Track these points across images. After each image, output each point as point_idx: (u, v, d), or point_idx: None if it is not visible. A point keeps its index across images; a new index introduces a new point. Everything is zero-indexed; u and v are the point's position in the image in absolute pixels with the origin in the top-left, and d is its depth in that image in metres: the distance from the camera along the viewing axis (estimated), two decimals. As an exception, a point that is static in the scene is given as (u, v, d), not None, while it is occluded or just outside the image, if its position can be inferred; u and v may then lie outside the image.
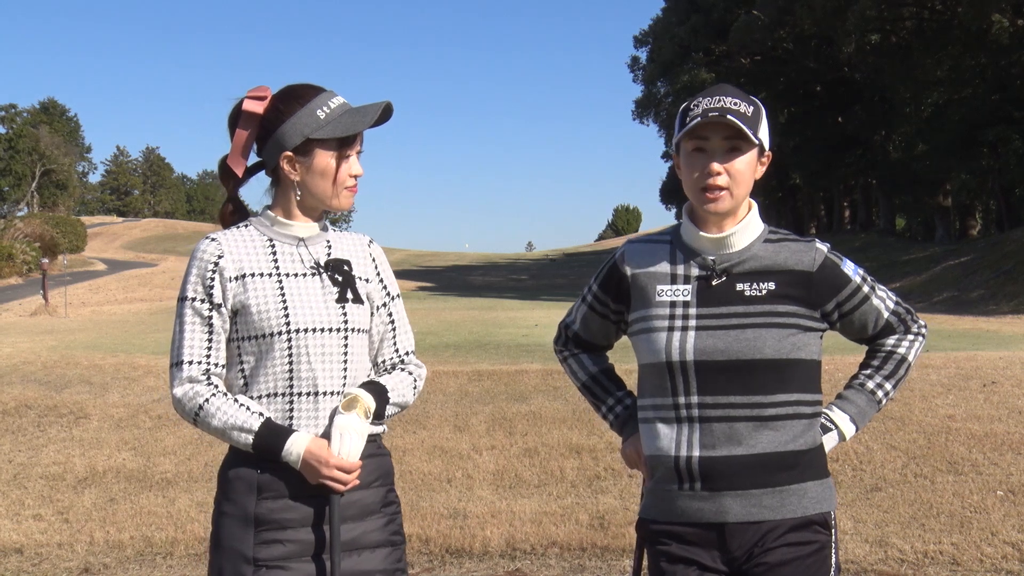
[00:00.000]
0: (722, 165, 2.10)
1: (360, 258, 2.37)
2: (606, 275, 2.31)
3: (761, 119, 2.14)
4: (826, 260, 2.18)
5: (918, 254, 30.98)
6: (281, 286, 2.23)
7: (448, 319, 16.60)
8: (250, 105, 2.26)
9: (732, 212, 2.16)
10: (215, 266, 2.20)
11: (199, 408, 2.17)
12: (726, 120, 2.06)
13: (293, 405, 2.21)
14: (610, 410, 2.38)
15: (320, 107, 2.21)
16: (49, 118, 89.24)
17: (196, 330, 2.20)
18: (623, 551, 5.27)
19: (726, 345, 2.09)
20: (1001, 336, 12.32)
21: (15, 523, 6.02)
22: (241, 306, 2.20)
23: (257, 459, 2.18)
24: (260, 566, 2.14)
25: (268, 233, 2.28)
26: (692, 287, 2.16)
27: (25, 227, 40.62)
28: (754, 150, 2.13)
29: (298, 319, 2.20)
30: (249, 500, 2.17)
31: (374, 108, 2.23)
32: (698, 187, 2.13)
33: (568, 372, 2.48)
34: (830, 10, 28.59)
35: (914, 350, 2.29)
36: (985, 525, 5.25)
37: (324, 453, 2.15)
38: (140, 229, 78.52)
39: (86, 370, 9.58)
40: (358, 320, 2.29)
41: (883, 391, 2.27)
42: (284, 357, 2.20)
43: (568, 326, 2.45)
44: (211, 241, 2.23)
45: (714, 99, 2.11)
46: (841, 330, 2.27)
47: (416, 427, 7.42)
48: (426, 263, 53.42)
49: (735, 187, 2.12)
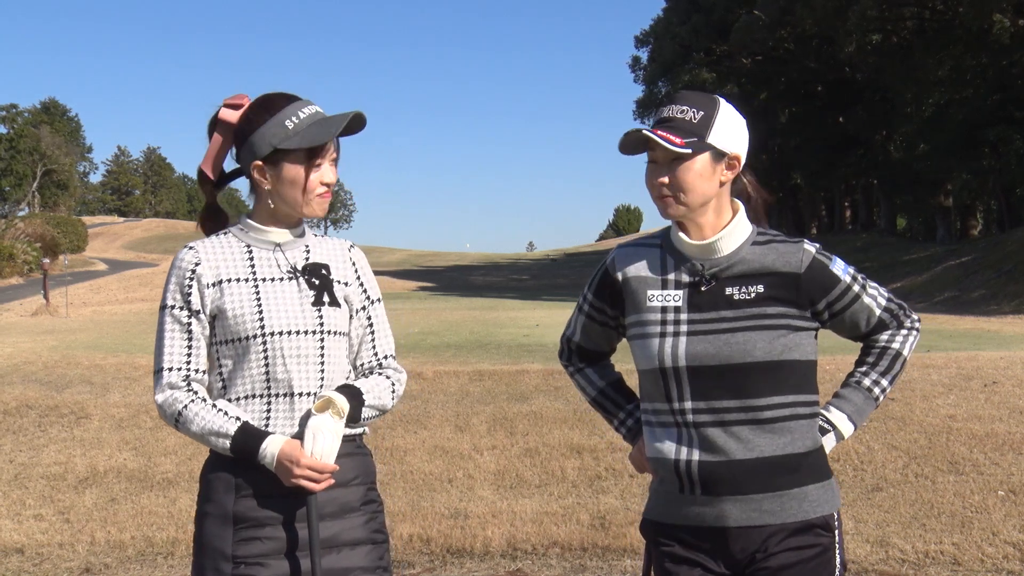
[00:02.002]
0: (666, 176, 2.13)
1: (339, 262, 2.40)
2: (599, 282, 2.32)
3: (712, 123, 2.13)
4: (814, 261, 2.17)
5: (919, 254, 30.97)
6: (257, 290, 2.27)
7: (449, 319, 16.60)
8: (225, 114, 2.31)
9: (698, 216, 2.16)
10: (192, 273, 2.26)
11: (178, 414, 2.23)
12: (639, 135, 2.11)
13: (270, 406, 2.25)
14: (621, 423, 2.39)
15: (289, 117, 2.24)
16: (50, 118, 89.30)
17: (176, 337, 2.25)
18: (624, 551, 5.27)
19: (716, 349, 2.10)
20: (1002, 336, 12.32)
21: (16, 523, 6.03)
22: (219, 311, 2.25)
23: (235, 461, 2.22)
24: (239, 563, 2.18)
25: (245, 239, 2.33)
26: (683, 293, 2.17)
27: (26, 227, 40.66)
28: (702, 156, 2.12)
29: (272, 322, 2.24)
30: (228, 499, 2.22)
31: (342, 118, 2.25)
32: (653, 197, 2.18)
33: (577, 387, 2.49)
34: (831, 10, 28.60)
35: (908, 344, 2.28)
36: (986, 525, 5.25)
37: (297, 453, 2.18)
38: (141, 229, 78.62)
39: (87, 370, 9.59)
40: (335, 323, 2.32)
41: (879, 387, 2.26)
42: (260, 360, 2.24)
43: (569, 339, 2.45)
44: (189, 250, 2.29)
45: (663, 109, 2.17)
46: (833, 328, 2.26)
47: (417, 427, 7.42)
48: (427, 263, 53.45)
49: (682, 195, 2.13)
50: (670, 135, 2.09)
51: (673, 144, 2.08)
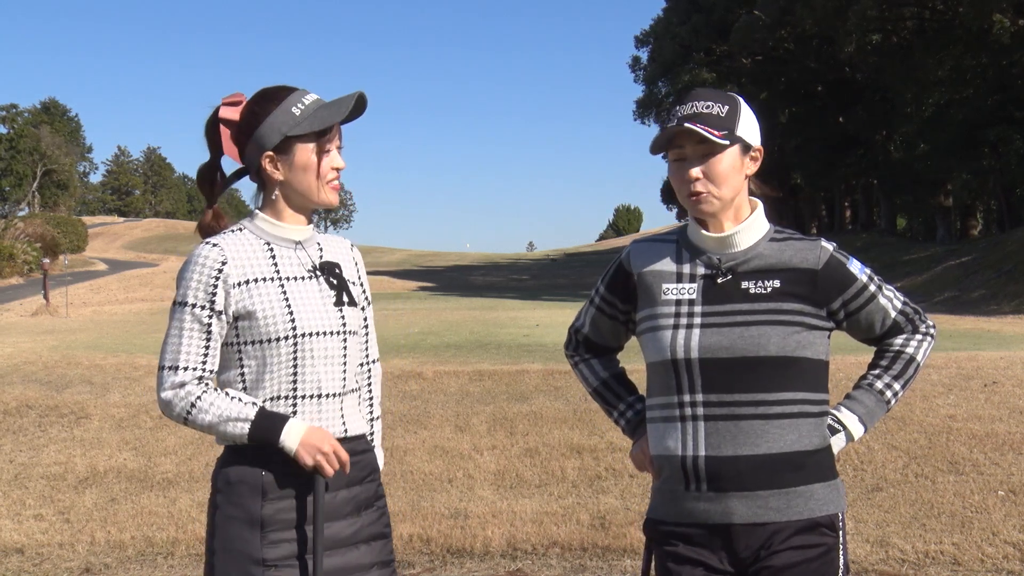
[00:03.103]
0: (699, 170, 2.12)
1: (347, 261, 2.41)
2: (613, 275, 2.32)
3: (738, 116, 2.15)
4: (831, 258, 2.18)
5: (919, 254, 30.96)
6: (284, 290, 2.24)
7: (449, 319, 16.60)
8: (226, 112, 2.29)
9: (724, 212, 2.17)
10: (219, 272, 2.19)
11: (191, 406, 2.17)
12: (682, 128, 2.10)
13: (297, 408, 2.23)
14: (621, 415, 2.39)
15: (294, 104, 2.23)
16: (50, 118, 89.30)
17: (194, 337, 2.19)
18: (624, 551, 5.27)
19: (730, 342, 2.10)
20: (1002, 336, 12.32)
21: (16, 523, 6.03)
22: (245, 312, 2.20)
23: (256, 459, 2.19)
24: (270, 566, 2.16)
25: (264, 237, 2.28)
26: (697, 285, 2.17)
27: (26, 227, 40.67)
28: (733, 149, 2.14)
29: (303, 323, 2.22)
30: (254, 502, 2.18)
31: (348, 99, 2.25)
32: (684, 195, 2.17)
33: (579, 377, 2.49)
34: (831, 10, 28.59)
35: (923, 350, 2.28)
36: (986, 525, 5.25)
37: (325, 433, 2.20)
38: (141, 229, 78.61)
39: (87, 370, 9.59)
40: (353, 323, 2.33)
41: (892, 391, 2.26)
42: (289, 361, 2.21)
43: (578, 330, 2.45)
44: (212, 247, 2.21)
45: (686, 106, 2.15)
46: (848, 330, 2.26)
47: (417, 427, 7.42)
48: (427, 263, 53.43)
49: (716, 188, 2.13)
50: (708, 128, 2.10)
51: (714, 135, 2.09)
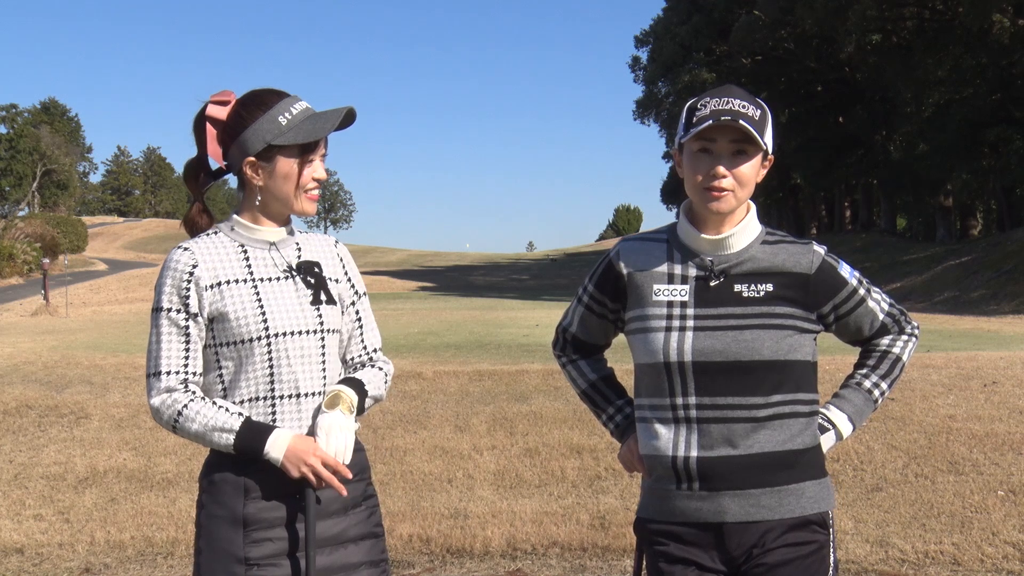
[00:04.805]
0: (728, 169, 2.10)
1: (328, 259, 2.40)
2: (602, 274, 2.30)
3: (767, 122, 2.14)
4: (823, 263, 2.18)
5: (919, 254, 30.97)
6: (257, 291, 2.25)
7: (449, 319, 16.60)
8: (213, 110, 2.29)
9: (732, 213, 2.16)
10: (190, 276, 2.21)
11: (178, 414, 2.19)
12: (738, 125, 2.05)
13: (275, 408, 2.24)
14: (610, 419, 2.37)
15: (282, 113, 2.23)
16: (50, 118, 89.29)
17: (173, 340, 2.21)
18: (624, 551, 5.27)
19: (724, 346, 2.10)
20: (1002, 336, 12.32)
21: (16, 523, 6.03)
22: (218, 313, 2.22)
23: (239, 461, 2.20)
24: (252, 565, 2.18)
25: (239, 239, 2.30)
26: (690, 287, 2.16)
27: (26, 227, 40.67)
28: (760, 154, 2.13)
29: (276, 323, 2.23)
30: (237, 501, 2.20)
31: (336, 114, 2.25)
32: (702, 187, 2.12)
33: (568, 379, 2.47)
34: (831, 10, 28.60)
35: (908, 350, 2.31)
36: (986, 525, 5.25)
37: (309, 445, 2.18)
38: (141, 229, 78.63)
39: (87, 370, 9.59)
40: (332, 321, 2.33)
41: (879, 390, 2.28)
42: (264, 361, 2.22)
43: (566, 329, 2.43)
44: (184, 251, 2.24)
45: (723, 100, 2.09)
46: (837, 332, 2.27)
47: (417, 427, 7.42)
48: (427, 263, 53.45)
49: (739, 190, 2.12)
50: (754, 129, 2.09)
51: (761, 140, 2.08)
